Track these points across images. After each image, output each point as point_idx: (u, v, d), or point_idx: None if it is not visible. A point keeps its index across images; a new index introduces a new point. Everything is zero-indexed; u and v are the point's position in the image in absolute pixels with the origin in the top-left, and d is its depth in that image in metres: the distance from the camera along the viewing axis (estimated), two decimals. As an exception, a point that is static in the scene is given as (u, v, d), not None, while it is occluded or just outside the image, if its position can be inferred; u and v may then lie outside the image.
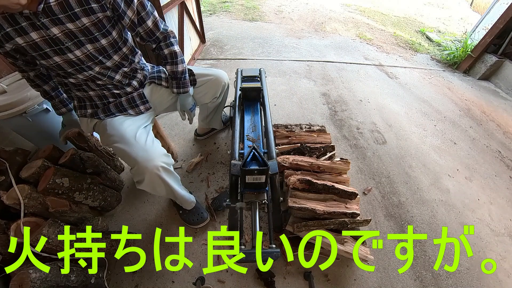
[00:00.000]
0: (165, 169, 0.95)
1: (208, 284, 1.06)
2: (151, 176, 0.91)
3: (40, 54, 0.77)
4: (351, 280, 1.12)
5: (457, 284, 1.16)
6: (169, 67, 1.03)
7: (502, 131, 2.17)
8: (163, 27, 0.94)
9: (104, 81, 0.93)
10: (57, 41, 0.76)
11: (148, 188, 0.97)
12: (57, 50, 0.78)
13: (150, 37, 0.93)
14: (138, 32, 0.91)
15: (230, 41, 3.12)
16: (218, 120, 1.56)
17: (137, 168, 0.90)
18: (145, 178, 0.91)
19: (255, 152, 0.80)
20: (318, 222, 1.06)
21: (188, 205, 1.20)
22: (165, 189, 1.01)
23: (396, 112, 2.19)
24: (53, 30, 0.73)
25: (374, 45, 3.48)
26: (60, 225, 0.88)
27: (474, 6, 6.26)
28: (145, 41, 0.95)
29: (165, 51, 0.99)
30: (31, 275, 0.74)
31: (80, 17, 0.74)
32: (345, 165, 1.26)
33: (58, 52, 0.78)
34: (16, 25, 0.70)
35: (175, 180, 1.05)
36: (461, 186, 1.61)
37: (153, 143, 0.96)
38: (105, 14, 0.78)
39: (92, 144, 1.23)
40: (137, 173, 0.92)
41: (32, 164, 0.96)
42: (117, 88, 0.98)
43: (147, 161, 0.88)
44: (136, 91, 1.03)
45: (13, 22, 0.70)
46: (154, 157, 0.90)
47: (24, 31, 0.71)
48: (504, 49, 2.76)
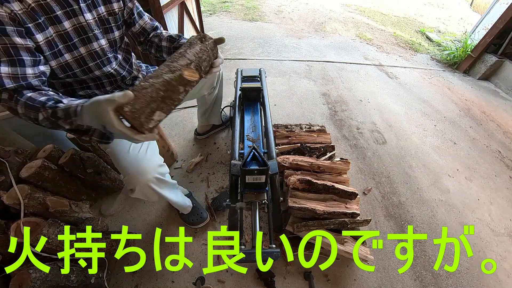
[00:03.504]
0: (159, 180, 0.91)
1: (208, 284, 1.06)
2: (142, 187, 0.88)
3: (68, 45, 0.72)
4: (351, 280, 1.12)
5: (457, 284, 1.16)
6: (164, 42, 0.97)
7: (502, 131, 2.17)
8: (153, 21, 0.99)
9: (116, 79, 0.91)
10: (86, 29, 0.74)
11: (140, 196, 0.93)
12: (85, 39, 0.75)
13: (151, 28, 0.96)
14: (139, 25, 0.92)
15: (230, 41, 3.12)
16: (217, 115, 1.55)
17: (128, 179, 0.87)
18: (136, 188, 0.88)
19: (255, 152, 0.80)
20: (318, 222, 1.06)
21: (184, 210, 1.20)
22: (158, 198, 0.98)
23: (396, 112, 2.19)
24: (87, 15, 0.73)
25: (374, 45, 3.48)
26: (60, 225, 0.88)
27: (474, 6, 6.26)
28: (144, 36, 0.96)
29: (164, 34, 0.97)
30: (31, 275, 0.74)
31: (102, 4, 0.76)
32: (345, 165, 1.26)
33: (85, 41, 0.76)
34: (51, 13, 0.66)
35: (169, 188, 1.02)
36: (461, 186, 1.61)
37: (147, 153, 0.91)
38: (119, 5, 0.82)
39: (95, 143, 1.23)
40: (128, 183, 0.89)
41: (32, 164, 0.96)
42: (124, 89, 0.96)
43: (139, 174, 0.85)
44: None
45: (49, 10, 0.66)
46: (146, 170, 0.86)
47: (58, 19, 0.68)
48: (504, 49, 2.76)
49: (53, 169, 1.03)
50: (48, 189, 1.02)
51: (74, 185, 1.16)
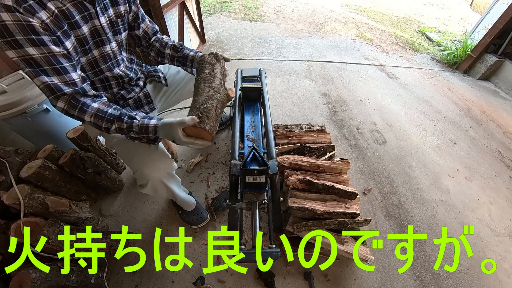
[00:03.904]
0: (170, 175, 0.94)
1: (208, 284, 1.06)
2: (154, 182, 0.91)
3: (84, 49, 0.74)
4: (351, 280, 1.12)
5: (457, 284, 1.16)
6: (167, 50, 1.02)
7: (502, 131, 2.17)
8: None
9: (124, 81, 0.92)
10: (101, 32, 0.76)
11: (150, 192, 0.96)
12: (98, 42, 0.77)
13: (152, 31, 0.98)
14: (142, 29, 0.94)
15: (230, 41, 3.12)
16: None
17: (141, 173, 0.89)
18: (148, 183, 0.91)
19: (255, 152, 0.80)
20: (318, 222, 1.06)
21: (188, 206, 1.21)
22: (167, 193, 1.01)
23: (396, 112, 2.19)
24: (102, 18, 0.75)
25: (374, 45, 3.48)
26: (60, 225, 0.88)
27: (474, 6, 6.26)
28: (145, 39, 0.98)
29: (166, 40, 1.02)
30: (31, 275, 0.74)
31: (110, 7, 0.78)
32: (345, 165, 1.26)
33: (98, 44, 0.78)
34: (71, 19, 0.67)
35: (177, 184, 1.05)
36: (461, 186, 1.61)
37: (158, 149, 0.94)
38: (125, 8, 0.84)
39: (95, 143, 1.23)
40: (140, 178, 0.91)
41: (32, 164, 0.96)
42: (129, 90, 0.96)
43: (153, 169, 0.88)
44: (142, 91, 1.03)
45: (70, 16, 0.67)
46: (160, 165, 0.90)
47: (77, 24, 0.69)
48: (504, 49, 2.76)
49: (53, 169, 1.03)
50: (48, 189, 1.02)
51: (74, 185, 1.16)
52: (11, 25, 0.56)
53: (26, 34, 0.57)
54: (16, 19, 0.56)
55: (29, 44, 0.58)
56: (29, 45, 0.58)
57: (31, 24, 0.58)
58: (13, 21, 0.56)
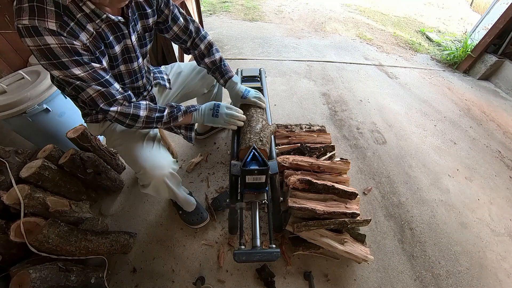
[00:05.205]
0: (172, 175, 0.94)
1: (208, 284, 1.06)
2: (157, 182, 0.91)
3: (113, 65, 0.77)
4: (351, 280, 1.12)
5: (457, 284, 1.16)
6: (207, 59, 1.03)
7: (502, 131, 2.17)
8: (190, 19, 0.97)
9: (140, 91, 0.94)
10: (131, 50, 0.79)
11: (152, 192, 0.96)
12: (127, 58, 0.80)
13: (185, 33, 0.96)
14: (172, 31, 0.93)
15: (230, 41, 3.12)
16: None
17: (144, 173, 0.88)
18: (151, 183, 0.91)
19: (255, 152, 0.80)
20: (318, 222, 1.06)
21: (189, 207, 1.20)
22: (168, 193, 1.00)
23: (396, 112, 2.19)
24: (133, 37, 0.77)
25: (374, 45, 3.48)
26: (60, 225, 0.88)
27: (474, 6, 6.25)
28: (180, 40, 0.97)
29: (202, 46, 1.00)
30: (31, 275, 0.74)
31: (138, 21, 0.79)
32: (345, 165, 1.26)
33: (127, 61, 0.80)
34: (106, 40, 0.70)
35: (178, 184, 1.05)
36: (461, 186, 1.61)
37: (160, 149, 0.94)
38: (154, 19, 0.84)
39: (95, 143, 1.23)
40: (143, 178, 0.91)
41: (32, 164, 0.96)
42: (138, 95, 0.97)
43: (155, 168, 0.88)
44: (148, 94, 1.03)
45: (105, 37, 0.70)
46: (163, 164, 0.90)
47: (111, 45, 0.72)
48: (504, 49, 2.76)
49: (53, 169, 1.03)
50: (48, 189, 1.02)
51: (74, 185, 1.16)
52: (56, 48, 0.58)
53: (70, 56, 0.61)
54: (60, 42, 0.58)
55: (74, 65, 0.62)
56: (74, 66, 0.62)
57: (75, 47, 0.61)
58: (58, 44, 0.58)
